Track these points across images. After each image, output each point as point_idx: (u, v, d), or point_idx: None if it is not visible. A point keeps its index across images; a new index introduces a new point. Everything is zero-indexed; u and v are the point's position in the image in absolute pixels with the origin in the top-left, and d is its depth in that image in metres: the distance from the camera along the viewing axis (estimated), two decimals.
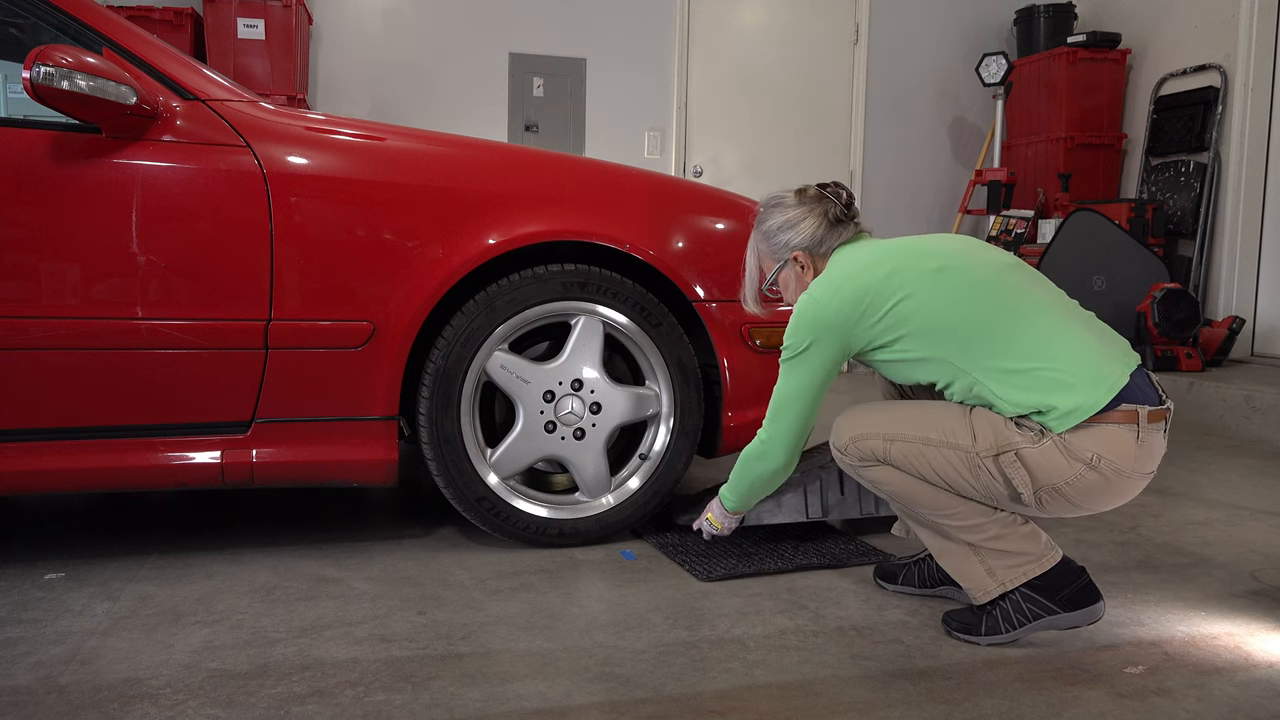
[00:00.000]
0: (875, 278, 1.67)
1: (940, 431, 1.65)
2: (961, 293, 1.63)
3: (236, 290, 1.93)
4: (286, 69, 4.58)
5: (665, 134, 5.66)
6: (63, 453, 1.91)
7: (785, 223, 1.81)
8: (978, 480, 1.62)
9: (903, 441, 1.67)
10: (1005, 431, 1.60)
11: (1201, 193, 5.01)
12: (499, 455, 2.16)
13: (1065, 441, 1.56)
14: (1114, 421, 1.55)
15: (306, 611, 1.81)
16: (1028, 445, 1.58)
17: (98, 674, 1.53)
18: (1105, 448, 1.55)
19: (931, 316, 1.63)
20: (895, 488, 1.71)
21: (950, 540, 1.72)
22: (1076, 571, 1.68)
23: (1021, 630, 1.68)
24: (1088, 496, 1.59)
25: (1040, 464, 1.57)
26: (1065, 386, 1.55)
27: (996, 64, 5.45)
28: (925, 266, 1.65)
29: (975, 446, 1.61)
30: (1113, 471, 1.56)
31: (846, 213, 1.80)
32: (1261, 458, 3.42)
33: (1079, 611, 1.66)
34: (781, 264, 1.84)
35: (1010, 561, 1.68)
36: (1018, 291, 1.64)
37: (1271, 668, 1.63)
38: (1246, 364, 4.70)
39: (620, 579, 2.02)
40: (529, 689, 1.50)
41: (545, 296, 2.13)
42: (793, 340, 1.73)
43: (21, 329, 1.84)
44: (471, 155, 2.15)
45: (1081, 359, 1.57)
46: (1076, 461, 1.56)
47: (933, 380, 1.69)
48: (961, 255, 1.68)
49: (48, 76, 1.72)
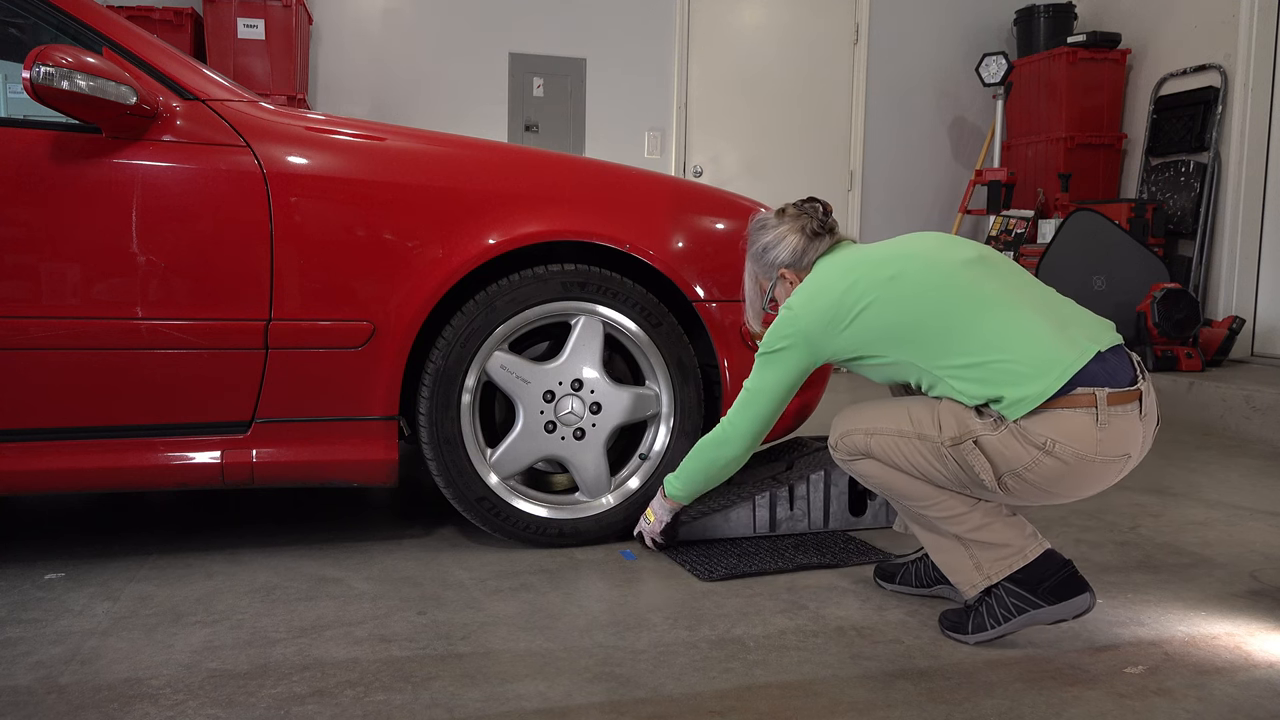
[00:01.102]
0: (838, 291, 1.74)
1: (913, 424, 1.71)
2: (914, 298, 1.68)
3: (236, 290, 1.93)
4: (286, 69, 4.58)
5: (665, 134, 5.66)
6: (63, 453, 1.91)
7: (769, 242, 1.90)
8: (946, 468, 1.67)
9: (881, 435, 1.74)
10: (966, 420, 1.65)
11: (1201, 193, 5.01)
12: (499, 455, 2.16)
13: (1021, 428, 1.59)
14: (1071, 406, 1.56)
15: (306, 611, 1.81)
16: (987, 433, 1.62)
17: (98, 674, 1.53)
18: (1060, 433, 1.57)
19: (889, 323, 1.70)
20: (879, 479, 1.77)
21: (939, 534, 1.75)
22: (1061, 563, 1.68)
23: (1006, 626, 1.68)
24: (1054, 482, 1.61)
25: (999, 451, 1.61)
26: (1015, 376, 1.59)
27: (996, 64, 5.46)
28: (880, 275, 1.72)
29: (940, 436, 1.66)
30: (1072, 456, 1.57)
31: (823, 225, 1.87)
32: (1261, 458, 3.42)
33: (1063, 604, 1.66)
34: (773, 282, 1.93)
35: (995, 554, 1.70)
36: (970, 287, 1.67)
37: (1271, 668, 1.63)
38: (1246, 364, 4.70)
39: (620, 579, 2.02)
40: (529, 689, 1.50)
41: (545, 296, 2.13)
42: (770, 340, 1.83)
43: (21, 329, 1.84)
44: (471, 155, 2.15)
45: (1032, 347, 1.60)
46: (1031, 447, 1.58)
47: (906, 380, 1.76)
48: (918, 259, 1.73)
49: (48, 76, 1.73)
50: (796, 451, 2.54)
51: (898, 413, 1.74)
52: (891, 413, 1.75)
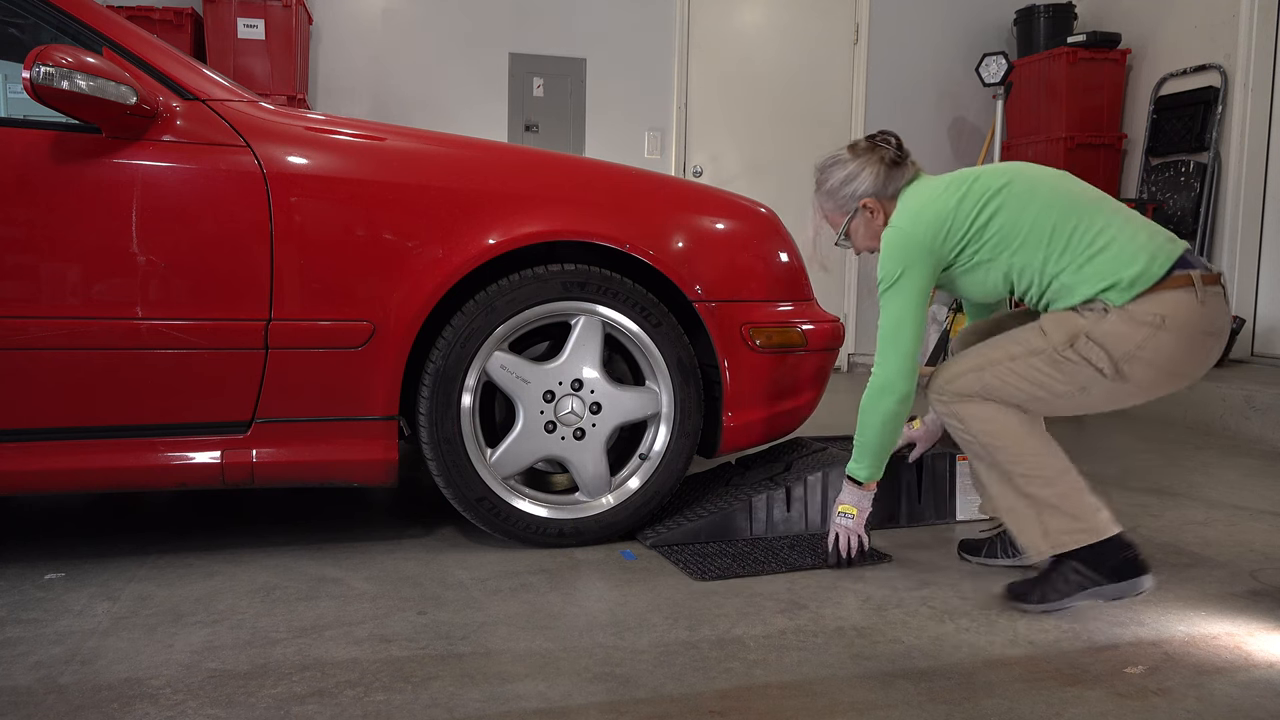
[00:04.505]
0: (949, 203, 1.86)
1: (1019, 344, 1.84)
2: (1031, 201, 1.83)
3: (236, 290, 1.93)
4: (286, 69, 4.57)
5: (665, 134, 5.66)
6: (63, 453, 1.91)
7: (847, 176, 1.98)
8: (1063, 375, 1.79)
9: (992, 366, 1.85)
10: (1071, 320, 1.79)
11: (1201, 193, 5.01)
12: (499, 455, 2.16)
13: (1128, 312, 1.75)
14: (1172, 287, 1.74)
15: (306, 611, 1.81)
16: (1095, 324, 1.77)
17: (98, 674, 1.53)
18: (1168, 309, 1.74)
19: (1010, 226, 1.82)
20: (986, 424, 1.85)
21: (1017, 494, 1.85)
22: (1127, 545, 1.82)
23: (1069, 600, 1.82)
24: (1168, 358, 1.76)
25: (1111, 336, 1.76)
26: (1128, 260, 1.75)
27: (996, 64, 5.45)
28: (993, 184, 1.86)
29: (1050, 342, 1.80)
30: (1182, 326, 1.74)
31: (900, 154, 1.97)
32: (1261, 458, 3.42)
33: (1125, 583, 1.80)
34: (851, 214, 2.00)
35: (1067, 524, 1.81)
36: (1079, 192, 1.86)
37: (1271, 668, 1.63)
38: (1246, 364, 4.70)
39: (620, 579, 2.02)
40: (529, 689, 1.50)
41: (545, 296, 2.13)
42: (887, 270, 1.89)
43: (21, 329, 1.84)
44: (471, 155, 2.15)
45: (1138, 238, 1.78)
46: (1144, 326, 1.74)
47: (1008, 286, 1.88)
48: (1021, 170, 1.90)
49: (48, 76, 1.72)
50: (796, 452, 2.54)
51: (1001, 342, 1.86)
52: (995, 344, 1.87)
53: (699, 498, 2.43)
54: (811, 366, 2.39)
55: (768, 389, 2.32)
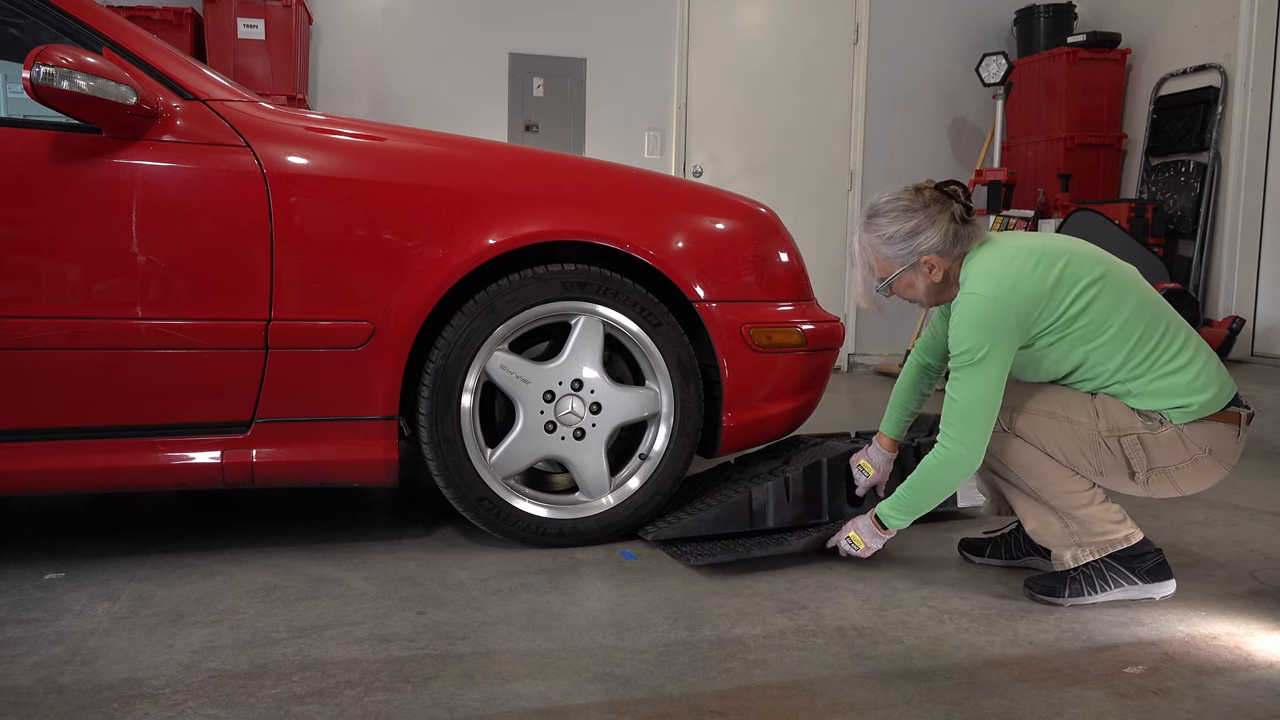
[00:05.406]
0: (1046, 282, 1.79)
1: (1062, 407, 1.86)
2: (1122, 299, 1.81)
3: (236, 290, 1.93)
4: (286, 69, 4.57)
5: (665, 134, 5.66)
6: (63, 453, 1.91)
7: (913, 228, 1.84)
8: (1095, 456, 1.84)
9: (1027, 413, 1.88)
10: (1129, 418, 1.82)
11: (1201, 193, 5.01)
12: (499, 455, 2.16)
13: (1183, 433, 1.80)
14: (1224, 421, 1.81)
15: (306, 611, 1.81)
16: (1149, 432, 1.81)
17: (98, 674, 1.53)
18: (1215, 442, 1.81)
19: (1097, 320, 1.80)
20: (1015, 456, 1.89)
21: (1043, 506, 1.90)
22: (1155, 550, 1.90)
23: (1102, 594, 1.88)
24: (1190, 481, 1.84)
25: (1159, 448, 1.81)
26: (1201, 386, 1.80)
27: (996, 64, 5.45)
28: (1089, 273, 1.81)
29: (1098, 425, 1.83)
30: (1218, 460, 1.82)
31: (969, 212, 1.88)
32: (1261, 458, 3.42)
33: (1157, 584, 1.90)
34: (906, 267, 1.87)
35: (1094, 530, 1.87)
36: (1161, 303, 1.86)
37: (1271, 668, 1.63)
38: (1246, 364, 4.70)
39: (620, 579, 2.02)
40: (529, 689, 1.50)
41: (545, 296, 2.13)
42: (971, 345, 1.79)
43: (21, 329, 1.84)
44: (471, 155, 2.15)
45: (1210, 368, 1.83)
46: (1192, 449, 1.80)
47: (1070, 371, 1.86)
48: (1111, 263, 1.86)
49: (48, 76, 1.72)
50: (795, 449, 2.54)
51: (1043, 395, 1.89)
52: (1035, 394, 1.90)
53: (700, 493, 2.43)
54: (811, 366, 2.39)
55: (768, 389, 2.32)
